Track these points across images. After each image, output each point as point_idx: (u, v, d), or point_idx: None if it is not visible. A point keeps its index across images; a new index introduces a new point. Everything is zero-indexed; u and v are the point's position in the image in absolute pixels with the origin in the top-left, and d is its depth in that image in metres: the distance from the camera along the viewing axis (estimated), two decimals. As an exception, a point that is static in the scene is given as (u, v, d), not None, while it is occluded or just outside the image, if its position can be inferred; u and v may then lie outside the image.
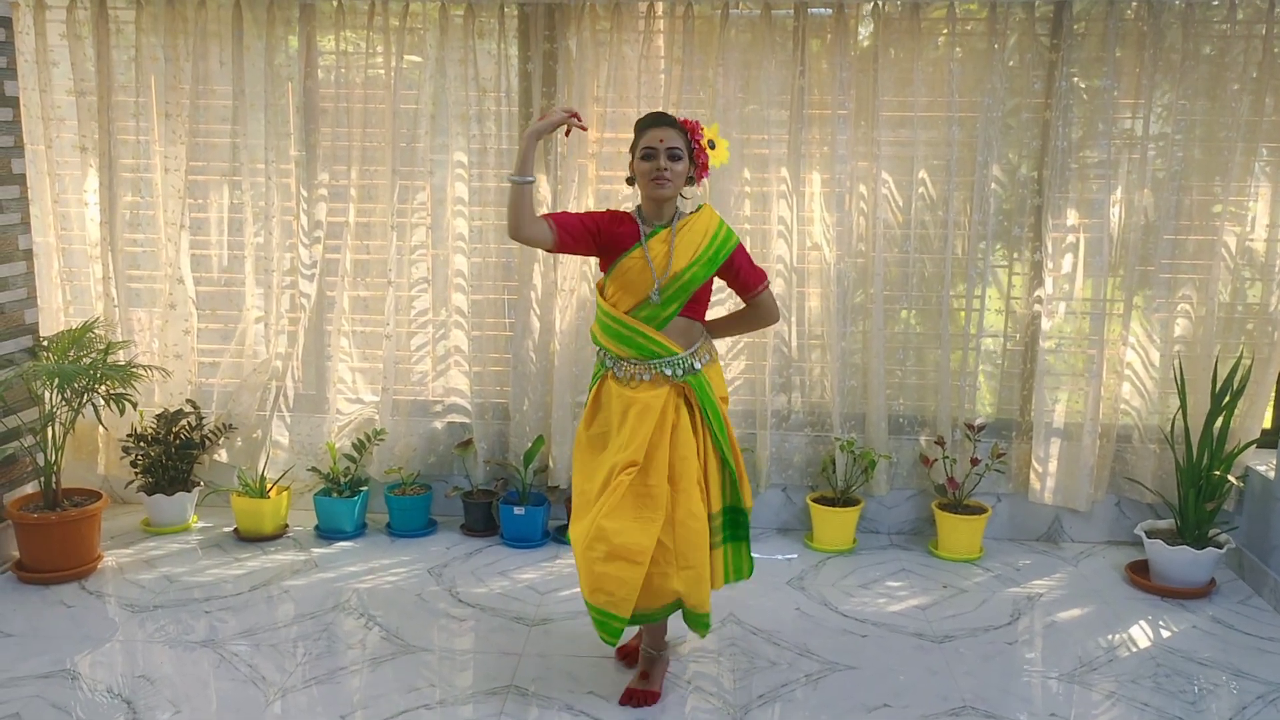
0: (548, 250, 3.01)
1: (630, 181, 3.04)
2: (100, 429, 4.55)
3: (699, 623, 3.06)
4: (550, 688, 3.17)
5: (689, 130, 2.99)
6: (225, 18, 4.34)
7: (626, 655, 3.30)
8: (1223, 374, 4.06)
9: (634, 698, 3.07)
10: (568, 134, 3.23)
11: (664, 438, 2.95)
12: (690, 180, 3.02)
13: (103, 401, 4.10)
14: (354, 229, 4.46)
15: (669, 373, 2.99)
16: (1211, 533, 4.01)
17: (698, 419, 3.04)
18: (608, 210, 3.11)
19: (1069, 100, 4.17)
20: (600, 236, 3.00)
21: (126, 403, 4.11)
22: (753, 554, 3.28)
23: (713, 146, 3.02)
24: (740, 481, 3.12)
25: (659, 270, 2.94)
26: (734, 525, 3.16)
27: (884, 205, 4.31)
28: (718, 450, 3.06)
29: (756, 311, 3.22)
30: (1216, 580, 4.02)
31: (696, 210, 3.06)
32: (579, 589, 3.04)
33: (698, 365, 3.03)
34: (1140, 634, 3.63)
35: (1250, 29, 4.08)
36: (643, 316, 2.98)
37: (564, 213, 3.04)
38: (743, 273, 3.09)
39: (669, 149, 2.92)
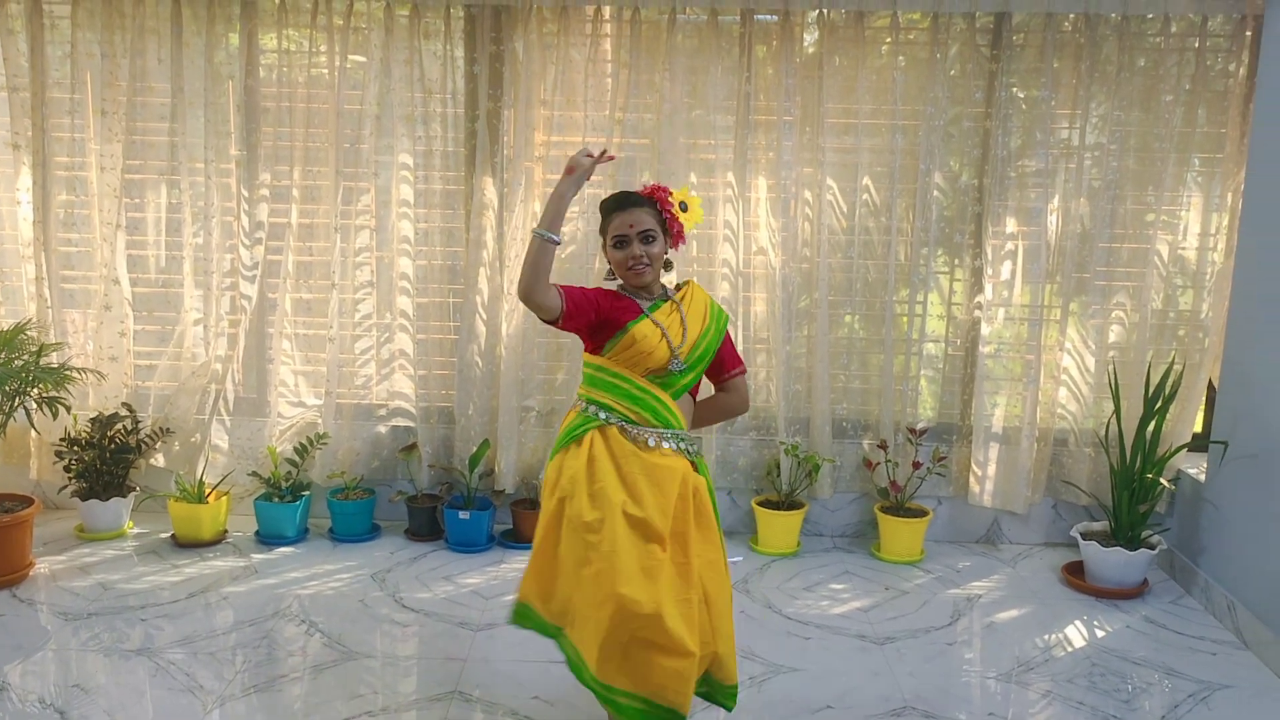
0: (546, 320, 2.67)
1: (610, 275, 2.81)
2: (32, 433, 4.44)
3: (728, 695, 2.78)
4: (495, 693, 3.15)
5: (658, 201, 2.77)
6: (164, 13, 4.26)
7: None
8: (1155, 379, 4.16)
9: None
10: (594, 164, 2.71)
11: (688, 508, 2.67)
12: (667, 251, 2.81)
13: (35, 405, 4.01)
14: (297, 230, 4.41)
15: (681, 446, 2.74)
16: (1144, 534, 4.10)
17: (709, 499, 2.79)
18: (600, 288, 2.80)
19: (1008, 110, 4.25)
20: (600, 313, 2.71)
21: (60, 406, 4.01)
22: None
23: (685, 209, 2.81)
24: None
25: (675, 338, 2.73)
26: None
27: (829, 211, 4.35)
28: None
29: (729, 396, 2.96)
30: (1149, 581, 4.12)
31: (685, 284, 2.88)
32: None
33: (696, 448, 2.80)
34: (1076, 634, 3.71)
35: (1183, 42, 4.19)
36: (664, 384, 2.74)
37: (570, 286, 2.69)
38: (725, 350, 2.89)
39: (641, 233, 2.70)
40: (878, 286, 4.43)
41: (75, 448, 4.29)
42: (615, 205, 2.76)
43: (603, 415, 2.72)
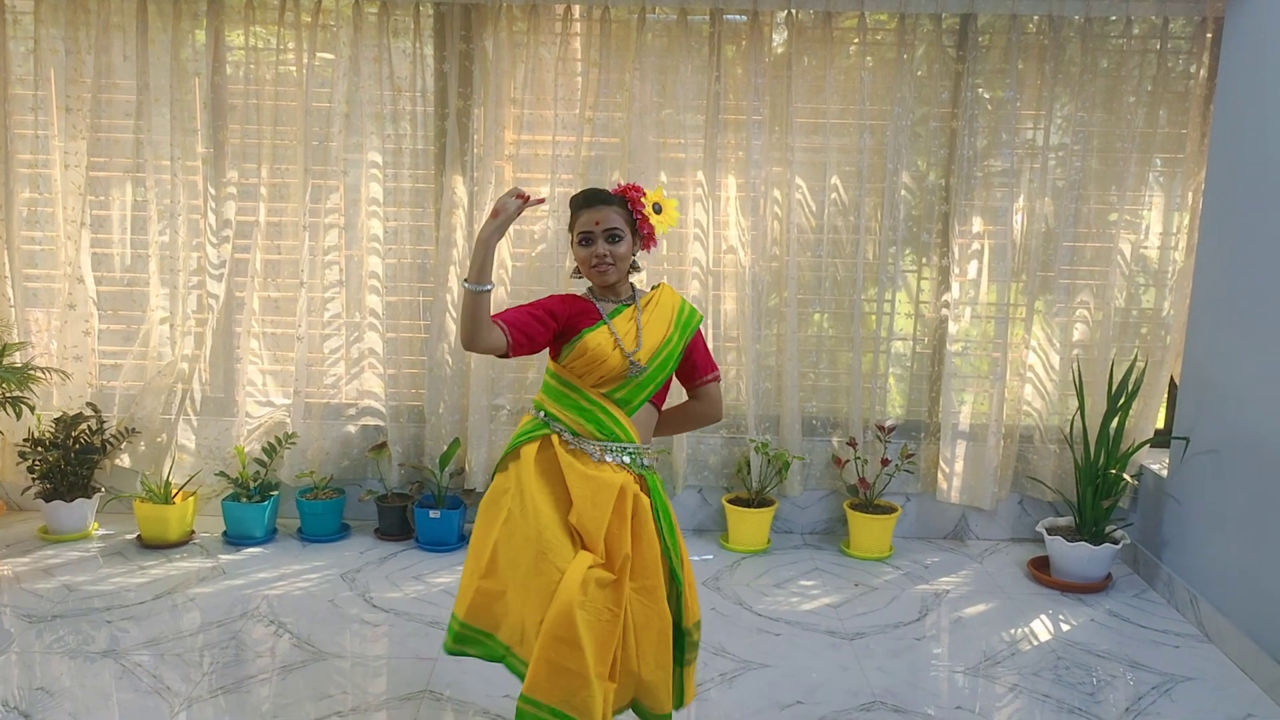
0: (500, 357, 2.57)
1: (577, 272, 2.73)
2: (-6, 433, 4.39)
3: None
4: (466, 692, 3.14)
5: (629, 201, 2.68)
6: (129, 10, 4.22)
7: None
8: (1118, 376, 4.22)
9: None
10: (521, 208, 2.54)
11: (624, 525, 2.55)
12: (635, 253, 2.73)
13: (-3, 405, 3.95)
14: (264, 228, 4.38)
15: (626, 460, 2.63)
16: (1108, 529, 4.16)
17: (651, 520, 2.64)
18: (558, 295, 2.72)
19: (974, 110, 4.29)
20: (558, 321, 2.62)
21: (23, 406, 3.97)
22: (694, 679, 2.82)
23: (659, 210, 2.72)
24: (688, 598, 2.69)
25: (629, 346, 2.62)
26: (677, 644, 2.68)
27: (798, 210, 4.38)
28: (666, 560, 2.65)
29: (701, 405, 2.85)
30: (1113, 575, 4.18)
31: (656, 288, 2.79)
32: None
33: (647, 461, 2.68)
34: (1041, 628, 3.75)
35: (1145, 44, 4.25)
36: (619, 397, 2.64)
37: (512, 311, 2.58)
38: (698, 354, 2.79)
39: (606, 231, 2.61)
40: (846, 285, 4.47)
41: (39, 448, 4.24)
42: (583, 202, 2.69)
43: (555, 427, 2.65)
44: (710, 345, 4.43)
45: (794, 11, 4.24)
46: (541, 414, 2.67)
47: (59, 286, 4.41)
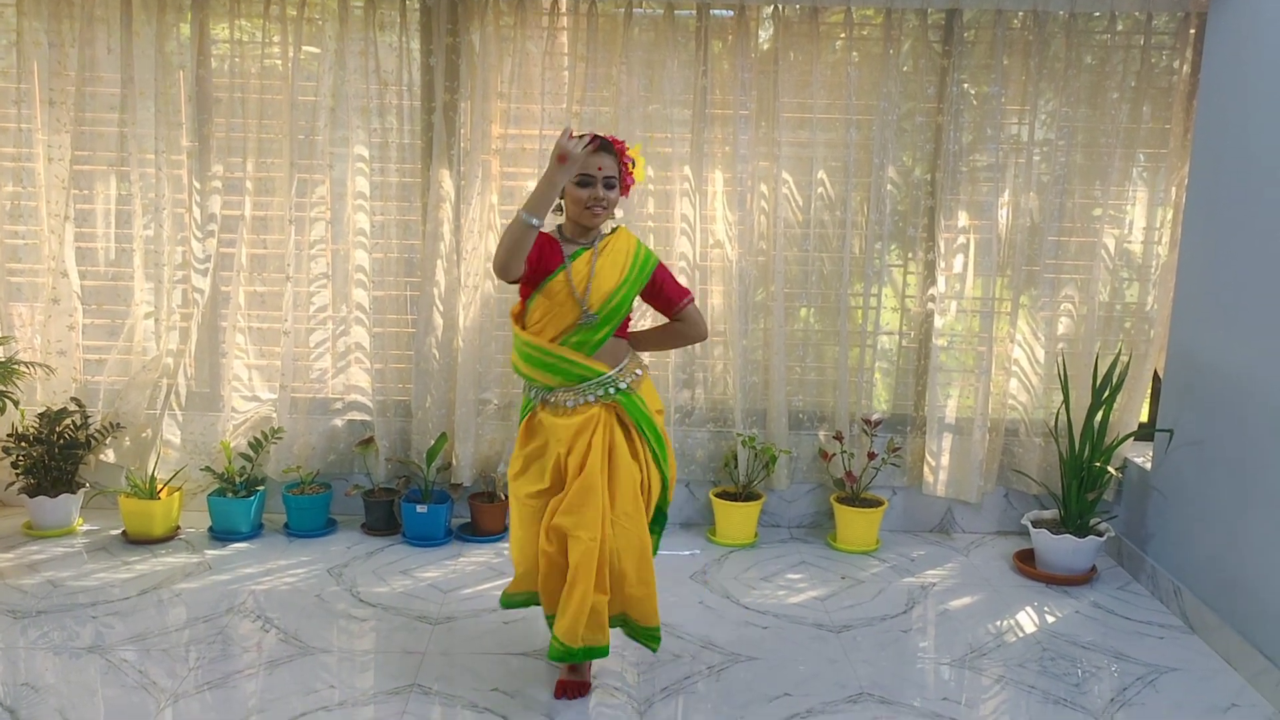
0: (512, 281, 2.86)
1: (559, 208, 2.91)
2: (-23, 429, 4.36)
3: (650, 637, 3.05)
4: (454, 685, 3.14)
5: (619, 153, 2.92)
6: (113, 2, 4.20)
7: (565, 688, 3.12)
8: (1102, 370, 4.24)
9: (568, 689, 3.08)
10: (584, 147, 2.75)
11: (599, 457, 2.88)
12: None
13: (-20, 400, 3.93)
14: (250, 222, 4.36)
15: (599, 394, 2.90)
16: (1093, 522, 4.19)
17: (634, 436, 2.97)
18: (546, 234, 2.93)
19: (960, 105, 4.31)
20: (535, 260, 2.86)
21: (7, 401, 3.94)
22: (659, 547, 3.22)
23: (633, 165, 2.97)
24: (672, 481, 3.10)
25: (579, 290, 2.86)
26: (658, 521, 3.15)
27: (784, 204, 4.39)
28: (657, 466, 3.00)
29: (682, 327, 3.11)
30: (1098, 567, 4.21)
31: (613, 231, 2.99)
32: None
33: (624, 384, 2.94)
34: (1027, 620, 3.78)
35: (1129, 39, 4.27)
36: (574, 343, 2.89)
37: None
38: (666, 288, 3.02)
39: (606, 178, 2.86)
40: (833, 279, 4.48)
41: (23, 443, 4.21)
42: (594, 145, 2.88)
43: (533, 395, 2.99)
44: (697, 340, 4.46)
45: (780, 7, 4.25)
46: (526, 384, 3.02)
47: (43, 281, 4.38)
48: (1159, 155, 4.35)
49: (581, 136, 2.74)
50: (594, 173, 2.84)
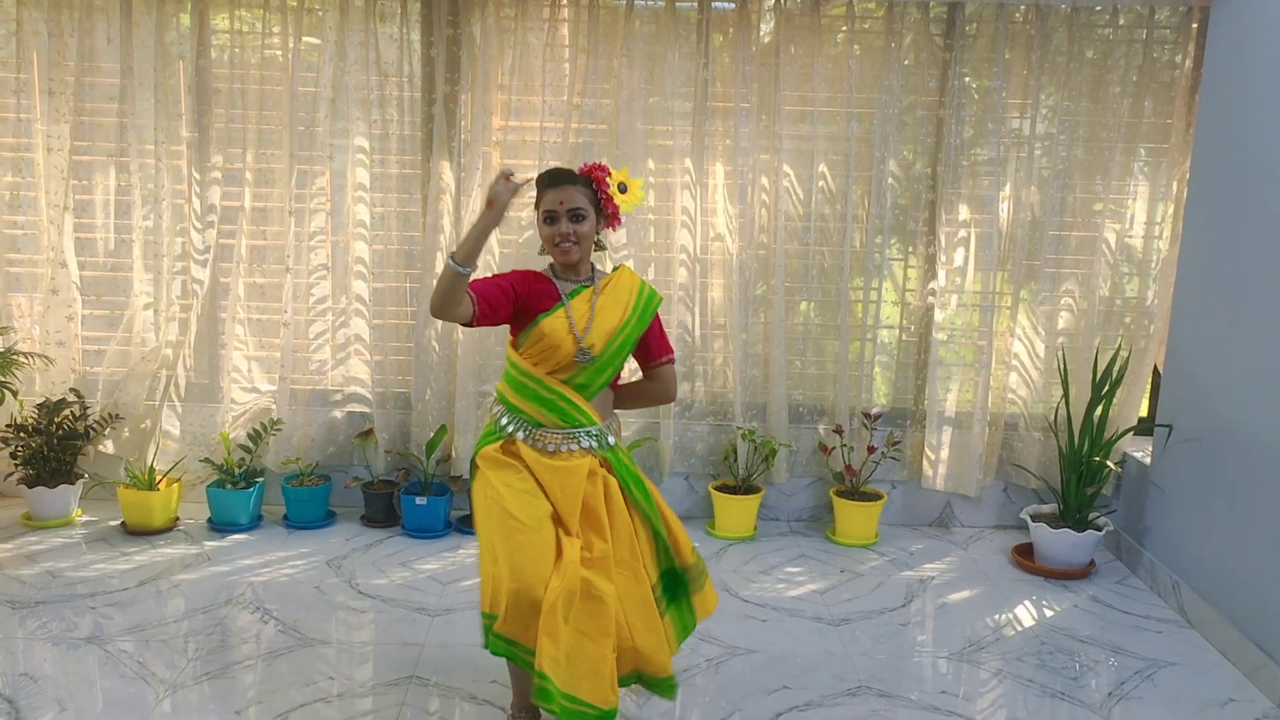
0: (464, 325, 2.65)
1: (543, 249, 2.77)
2: (-24, 419, 4.35)
3: (665, 687, 2.74)
4: (453, 678, 3.14)
5: (594, 181, 2.74)
6: (112, -8, 4.19)
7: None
8: (1102, 365, 4.24)
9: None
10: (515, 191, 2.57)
11: (599, 503, 2.67)
12: (599, 233, 2.79)
13: (-21, 390, 3.92)
14: (250, 214, 4.35)
15: (589, 445, 2.71)
16: (1091, 516, 4.19)
17: (622, 491, 2.74)
18: (518, 271, 2.78)
19: (961, 99, 4.30)
20: (518, 298, 2.69)
21: (6, 391, 3.94)
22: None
23: (624, 190, 2.79)
24: (675, 543, 2.78)
25: (579, 329, 2.68)
26: (673, 587, 2.81)
27: (785, 198, 4.38)
28: (647, 523, 2.75)
29: (655, 384, 2.92)
30: (1096, 561, 4.21)
31: (615, 270, 2.84)
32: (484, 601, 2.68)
33: (612, 440, 2.78)
34: (1025, 614, 3.78)
35: (1131, 34, 4.26)
36: (576, 384, 2.71)
37: (480, 281, 2.64)
38: (653, 337, 2.84)
39: (570, 210, 2.68)
40: (833, 273, 4.47)
41: (22, 434, 4.21)
42: (548, 181, 2.74)
43: (509, 427, 2.71)
44: (697, 333, 4.45)
45: (782, 0, 4.25)
46: (501, 411, 2.75)
47: (42, 271, 4.37)
48: (1160, 150, 4.35)
49: (516, 179, 2.53)
50: (556, 208, 2.68)
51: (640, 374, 2.96)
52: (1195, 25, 4.20)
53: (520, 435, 2.71)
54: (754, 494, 4.46)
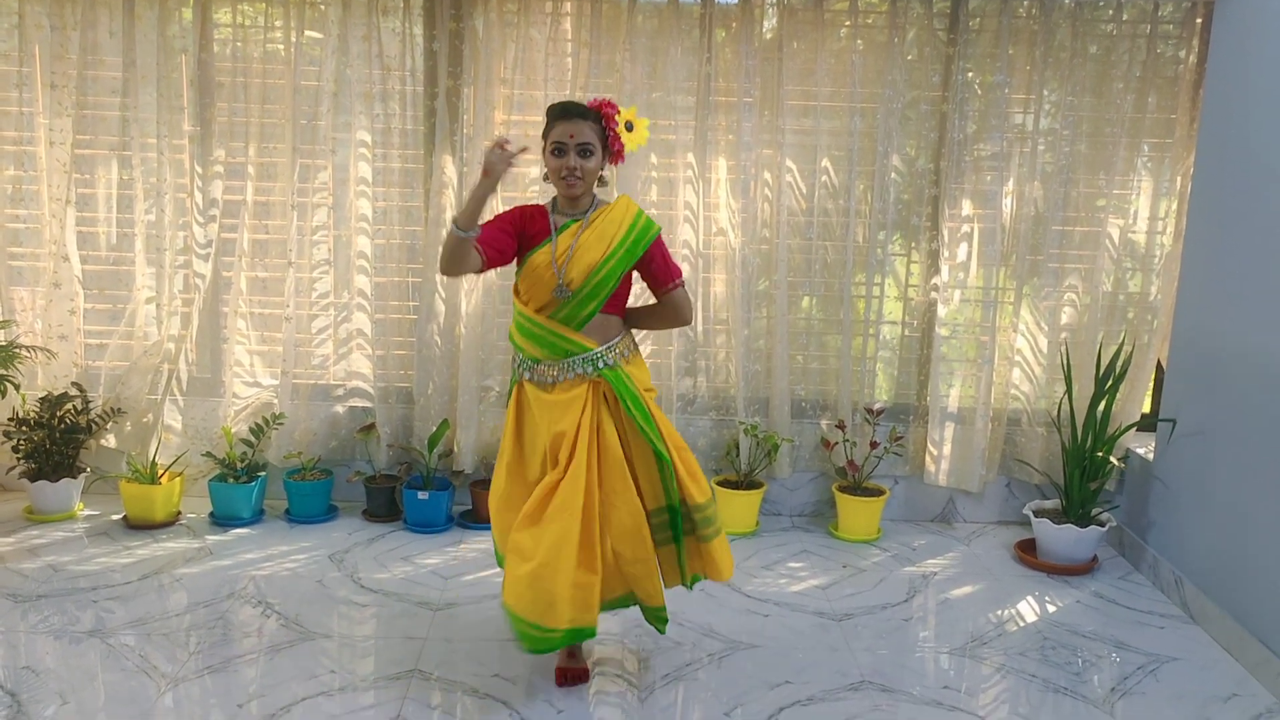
0: (477, 273, 2.84)
1: (546, 177, 2.88)
2: (-22, 413, 4.35)
3: (657, 617, 2.99)
4: (455, 671, 3.14)
5: (604, 116, 2.83)
6: (115, -14, 4.18)
7: (565, 675, 3.08)
8: (1105, 360, 4.24)
9: (567, 676, 3.05)
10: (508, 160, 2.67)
11: (586, 437, 2.81)
12: (604, 168, 2.88)
13: (-19, 384, 3.92)
14: (252, 208, 4.35)
15: (584, 370, 2.85)
16: (1095, 512, 4.18)
17: (620, 414, 2.87)
18: (518, 207, 2.91)
19: (964, 94, 4.29)
20: (518, 234, 2.84)
21: (8, 385, 3.94)
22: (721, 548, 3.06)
23: (630, 129, 2.86)
24: (682, 477, 2.91)
25: (558, 263, 2.79)
26: (674, 524, 2.93)
27: (788, 193, 4.37)
28: (649, 443, 2.86)
29: (666, 309, 3.01)
30: (1099, 557, 4.21)
31: (613, 201, 2.91)
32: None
33: (612, 360, 2.87)
34: (1028, 609, 3.77)
35: (1135, 29, 4.25)
36: (561, 317, 2.84)
37: (483, 228, 2.77)
38: (655, 265, 2.91)
39: (579, 145, 2.78)
40: (836, 268, 4.47)
41: (24, 428, 4.21)
42: (560, 113, 2.83)
43: (522, 369, 2.94)
44: (700, 328, 4.45)
45: (785, -7, 4.23)
46: (515, 355, 2.98)
47: (44, 265, 4.37)
48: (1164, 145, 4.34)
49: (511, 148, 2.63)
50: (566, 141, 2.78)
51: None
52: (1199, 20, 4.19)
53: (526, 375, 2.92)
54: (756, 489, 4.45)
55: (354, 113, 4.29)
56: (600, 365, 2.86)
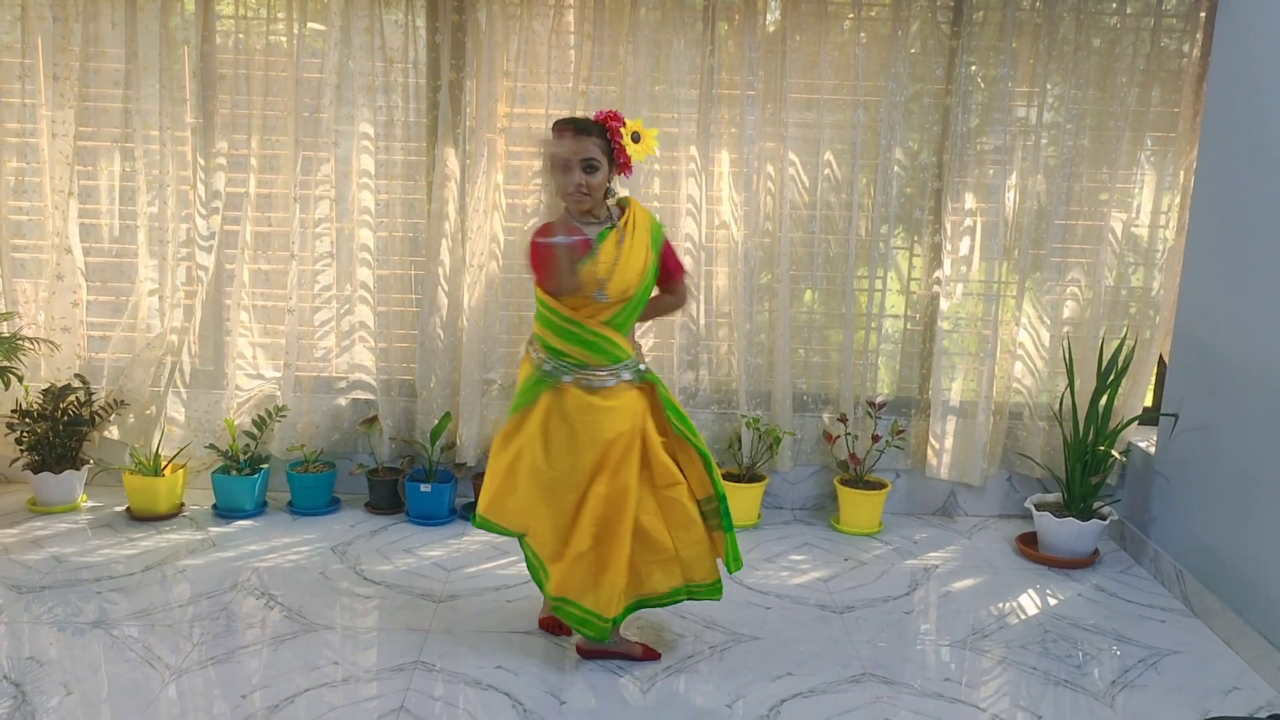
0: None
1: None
2: (-18, 405, 4.36)
3: (713, 590, 3.13)
4: (457, 663, 3.15)
5: (609, 130, 2.84)
6: (117, -23, 4.17)
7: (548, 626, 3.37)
8: (1108, 354, 4.24)
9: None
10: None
11: (636, 441, 2.96)
12: (612, 180, 2.91)
13: (-15, 376, 3.93)
14: (254, 200, 4.35)
15: (629, 377, 2.95)
16: (1096, 505, 4.19)
17: (661, 414, 3.02)
18: (548, 225, 2.88)
19: (968, 88, 4.29)
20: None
21: (11, 377, 3.94)
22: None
23: (636, 140, 2.87)
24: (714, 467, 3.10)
25: (603, 273, 2.83)
26: (723, 512, 3.09)
27: (791, 186, 4.37)
28: (691, 444, 3.03)
29: (670, 297, 3.15)
30: (1100, 551, 4.21)
31: (627, 206, 2.96)
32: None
33: (643, 367, 3.01)
34: (1029, 602, 3.78)
35: (1139, 22, 4.25)
36: (615, 324, 2.92)
37: (537, 248, 2.84)
38: (669, 261, 3.03)
39: (584, 161, 2.81)
40: (838, 261, 4.47)
41: (27, 420, 4.21)
42: (563, 129, 2.85)
43: (562, 373, 2.90)
44: (702, 321, 4.46)
45: (788, -14, 4.23)
46: (545, 358, 2.92)
47: (47, 257, 4.37)
48: (1167, 139, 4.33)
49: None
50: (569, 158, 2.80)
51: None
52: (1203, 14, 4.18)
53: (567, 379, 2.91)
54: (758, 482, 4.46)
55: (356, 105, 4.28)
56: (642, 370, 3.00)
